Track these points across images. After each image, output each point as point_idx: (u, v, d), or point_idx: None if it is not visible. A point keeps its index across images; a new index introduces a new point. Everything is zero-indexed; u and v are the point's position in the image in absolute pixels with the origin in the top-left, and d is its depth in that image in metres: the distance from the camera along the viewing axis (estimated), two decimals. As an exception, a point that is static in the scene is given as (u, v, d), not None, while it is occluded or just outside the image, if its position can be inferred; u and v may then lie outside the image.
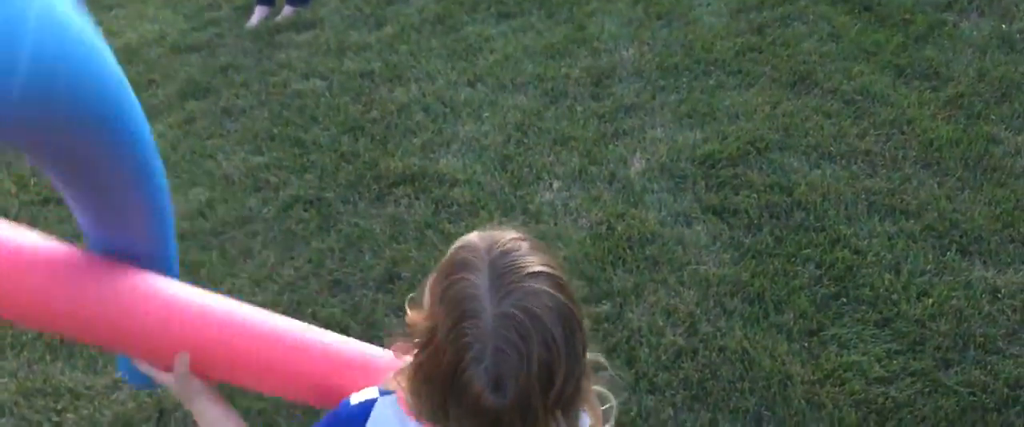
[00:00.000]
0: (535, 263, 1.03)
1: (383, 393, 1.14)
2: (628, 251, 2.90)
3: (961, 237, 2.81)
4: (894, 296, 2.62)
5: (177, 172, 3.65)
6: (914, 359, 2.43)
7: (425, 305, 1.07)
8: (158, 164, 1.32)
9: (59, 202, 3.54)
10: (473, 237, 1.07)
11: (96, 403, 2.58)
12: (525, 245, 1.05)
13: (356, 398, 1.14)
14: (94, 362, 2.73)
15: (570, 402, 1.02)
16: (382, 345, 1.40)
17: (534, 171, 3.34)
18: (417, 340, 1.05)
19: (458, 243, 1.08)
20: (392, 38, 4.45)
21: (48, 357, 2.76)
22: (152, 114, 4.10)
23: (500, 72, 4.01)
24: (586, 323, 1.05)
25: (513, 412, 0.98)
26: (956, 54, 3.71)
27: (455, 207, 3.21)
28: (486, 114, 3.73)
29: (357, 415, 1.13)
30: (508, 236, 1.05)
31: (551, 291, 1.01)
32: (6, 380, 2.69)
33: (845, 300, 2.64)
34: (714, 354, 2.51)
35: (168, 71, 4.48)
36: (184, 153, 3.77)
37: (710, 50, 3.95)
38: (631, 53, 4.02)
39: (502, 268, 1.02)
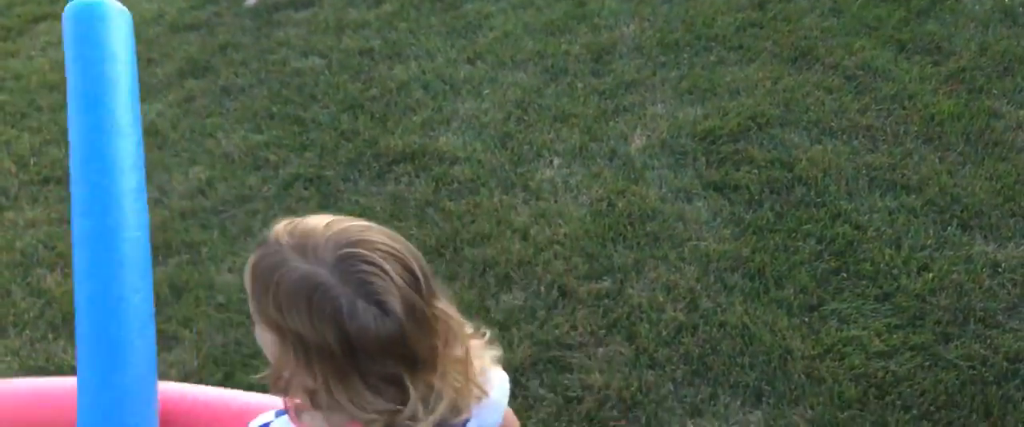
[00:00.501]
0: (320, 220, 1.06)
1: (278, 414, 1.16)
2: (628, 227, 2.90)
3: (962, 212, 2.81)
4: (894, 271, 2.62)
5: (177, 150, 3.64)
6: (914, 333, 2.44)
7: (271, 338, 1.06)
8: None
9: (59, 181, 3.54)
10: (253, 257, 1.07)
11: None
12: (296, 220, 1.07)
13: (254, 423, 1.16)
14: (96, 340, 2.74)
15: (435, 288, 1.08)
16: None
17: (534, 148, 3.34)
18: (294, 362, 1.04)
19: (247, 270, 1.08)
20: (391, 16, 4.43)
21: (50, 336, 2.77)
22: (151, 93, 4.10)
23: (500, 49, 4.00)
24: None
25: (410, 322, 1.02)
26: (958, 28, 3.69)
27: (455, 184, 3.20)
28: (486, 91, 3.72)
29: None
30: (280, 225, 1.07)
31: (352, 223, 1.05)
32: (9, 358, 2.70)
33: (845, 275, 2.64)
34: (714, 329, 2.51)
35: (167, 50, 4.46)
36: (183, 131, 3.77)
37: (711, 26, 3.93)
38: (632, 29, 4.00)
39: (300, 242, 1.03)
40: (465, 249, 2.89)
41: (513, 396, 2.39)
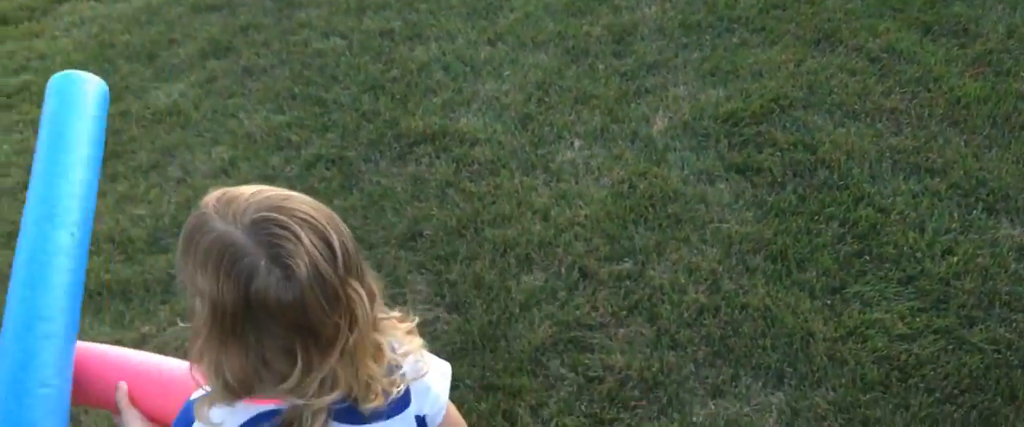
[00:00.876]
0: (249, 188, 1.05)
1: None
2: (650, 209, 2.89)
3: (987, 195, 2.78)
4: (918, 254, 2.61)
5: (199, 130, 3.67)
6: (938, 316, 2.43)
7: (196, 304, 1.05)
8: None
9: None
10: (186, 223, 1.06)
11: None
12: (229, 188, 1.06)
13: (194, 395, 1.17)
14: (121, 317, 2.77)
15: (360, 270, 1.05)
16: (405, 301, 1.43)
17: (555, 130, 3.33)
18: (202, 323, 1.03)
19: (179, 242, 1.07)
20: (412, -4, 4.42)
21: (76, 313, 2.80)
22: (173, 73, 4.12)
23: (521, 30, 3.98)
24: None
25: (312, 291, 0.99)
26: (985, 10, 3.64)
27: (476, 166, 3.21)
28: (507, 73, 3.72)
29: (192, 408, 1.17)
30: (209, 196, 1.06)
31: (278, 191, 1.04)
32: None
33: (868, 258, 2.63)
34: (736, 311, 2.51)
35: (188, 30, 4.48)
36: (206, 112, 3.79)
37: (733, 7, 3.90)
38: (653, 10, 3.98)
39: (225, 206, 1.02)
40: (486, 230, 2.90)
41: (533, 375, 2.41)
